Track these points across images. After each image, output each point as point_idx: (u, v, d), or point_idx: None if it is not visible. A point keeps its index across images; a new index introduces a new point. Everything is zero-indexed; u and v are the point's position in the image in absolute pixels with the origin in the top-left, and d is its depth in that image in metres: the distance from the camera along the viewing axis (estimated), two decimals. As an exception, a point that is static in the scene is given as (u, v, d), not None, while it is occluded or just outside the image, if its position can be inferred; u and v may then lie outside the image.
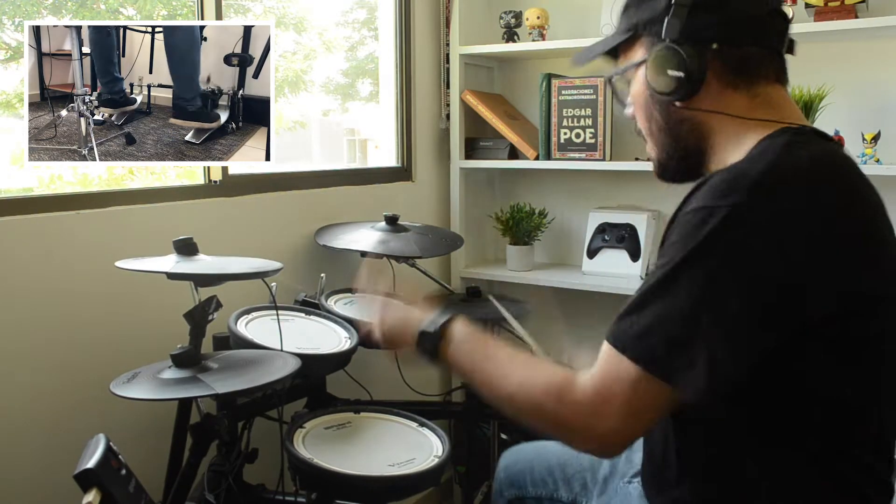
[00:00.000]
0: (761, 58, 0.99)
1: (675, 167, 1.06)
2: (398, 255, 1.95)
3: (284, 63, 2.55)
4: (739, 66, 0.98)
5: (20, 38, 1.65)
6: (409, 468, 1.39)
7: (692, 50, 0.96)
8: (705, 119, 1.00)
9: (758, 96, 0.99)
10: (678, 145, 1.04)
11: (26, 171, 1.66)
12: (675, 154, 1.05)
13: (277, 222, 1.94)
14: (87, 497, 0.98)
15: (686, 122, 1.02)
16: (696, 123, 1.01)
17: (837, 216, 0.87)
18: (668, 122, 1.03)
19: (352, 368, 1.72)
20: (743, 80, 0.98)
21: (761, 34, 0.99)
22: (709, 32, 0.97)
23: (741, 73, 0.98)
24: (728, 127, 0.99)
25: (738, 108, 0.98)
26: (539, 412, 0.94)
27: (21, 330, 1.41)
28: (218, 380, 1.24)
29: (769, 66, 1.00)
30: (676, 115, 1.02)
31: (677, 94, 0.99)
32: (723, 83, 0.98)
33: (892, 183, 2.05)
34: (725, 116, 0.99)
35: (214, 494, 1.41)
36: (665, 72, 0.98)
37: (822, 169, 0.90)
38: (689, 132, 1.02)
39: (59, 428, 1.46)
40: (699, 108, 0.99)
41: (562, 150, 2.36)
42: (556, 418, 0.92)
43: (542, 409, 0.93)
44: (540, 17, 2.38)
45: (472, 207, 2.63)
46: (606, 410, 0.87)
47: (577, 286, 2.35)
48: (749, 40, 0.98)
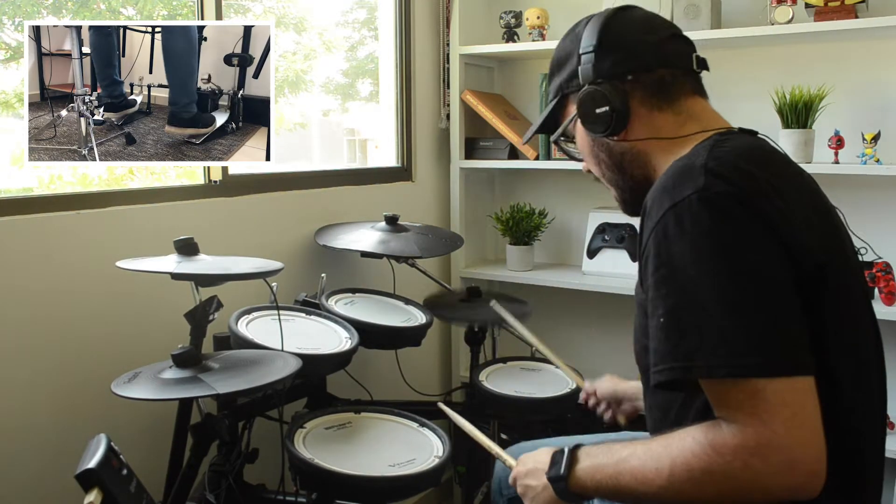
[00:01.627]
0: (674, 77, 1.07)
1: (632, 198, 1.13)
2: (398, 255, 1.95)
3: (284, 63, 2.55)
4: (657, 88, 1.06)
5: (20, 38, 1.65)
6: (410, 468, 1.39)
7: (609, 86, 1.05)
8: (642, 147, 1.08)
9: (682, 112, 1.06)
10: (626, 177, 1.12)
11: (26, 171, 1.66)
12: (627, 186, 1.13)
13: (277, 222, 1.94)
14: (88, 497, 0.98)
15: (627, 154, 1.09)
16: (637, 153, 1.09)
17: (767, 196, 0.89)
18: (613, 158, 1.11)
19: (352, 368, 1.72)
20: (665, 100, 1.06)
21: (665, 56, 1.07)
22: (619, 68, 1.06)
23: (661, 94, 1.06)
24: (665, 147, 1.06)
25: (668, 127, 1.06)
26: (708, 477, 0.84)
27: (21, 330, 1.41)
28: (219, 380, 1.24)
29: (684, 83, 1.08)
30: (618, 148, 1.10)
31: (611, 129, 1.06)
32: (647, 107, 1.06)
33: (892, 183, 2.07)
34: (658, 140, 1.06)
35: (215, 494, 1.41)
36: (594, 112, 1.06)
37: (743, 157, 0.93)
38: (631, 162, 1.10)
39: (60, 428, 1.46)
40: (636, 139, 1.07)
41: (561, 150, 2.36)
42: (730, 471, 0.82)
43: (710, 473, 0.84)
44: (540, 17, 2.38)
45: (472, 207, 2.63)
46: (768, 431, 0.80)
47: (577, 286, 2.35)
48: (656, 64, 1.06)
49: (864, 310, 1.00)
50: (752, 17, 2.15)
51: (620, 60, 1.06)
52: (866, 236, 1.99)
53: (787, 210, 0.89)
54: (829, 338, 0.90)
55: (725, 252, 0.85)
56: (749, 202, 0.87)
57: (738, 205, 0.86)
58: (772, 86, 2.06)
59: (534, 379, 1.91)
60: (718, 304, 0.84)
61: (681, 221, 0.87)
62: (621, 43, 1.07)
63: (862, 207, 2.09)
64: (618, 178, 1.13)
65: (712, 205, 0.86)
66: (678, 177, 0.92)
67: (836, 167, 1.97)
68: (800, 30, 1.95)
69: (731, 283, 0.84)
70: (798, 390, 0.82)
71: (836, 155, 1.98)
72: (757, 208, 0.87)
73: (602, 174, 1.16)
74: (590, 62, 1.07)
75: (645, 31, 1.08)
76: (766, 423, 0.80)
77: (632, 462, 0.91)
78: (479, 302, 2.04)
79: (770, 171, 0.93)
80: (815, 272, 0.89)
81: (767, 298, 0.84)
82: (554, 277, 2.41)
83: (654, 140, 1.06)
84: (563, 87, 1.14)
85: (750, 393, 0.81)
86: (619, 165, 1.11)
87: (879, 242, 2.02)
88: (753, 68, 2.21)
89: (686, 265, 0.86)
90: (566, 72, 1.13)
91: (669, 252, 0.88)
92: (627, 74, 1.06)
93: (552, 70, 1.17)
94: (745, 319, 0.83)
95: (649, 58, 1.06)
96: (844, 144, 1.97)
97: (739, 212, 0.86)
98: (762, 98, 2.09)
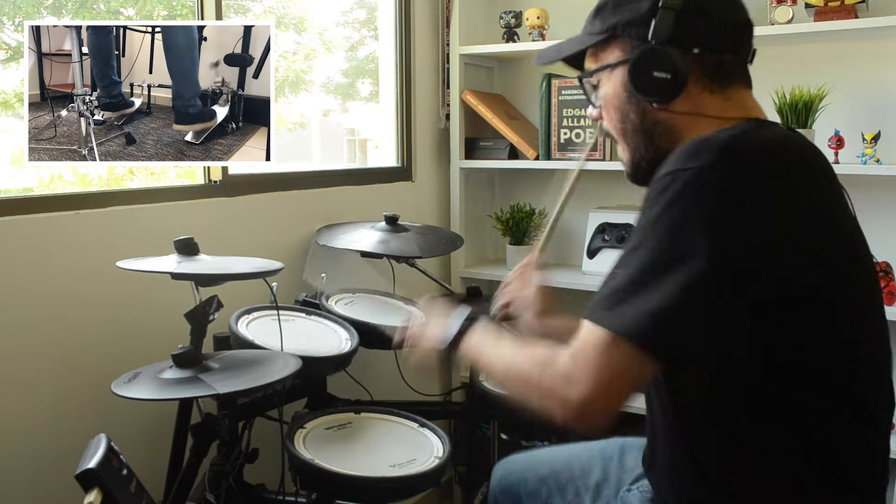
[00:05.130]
0: (735, 64, 1.03)
1: (646, 168, 1.06)
2: (398, 255, 1.95)
3: (284, 63, 2.55)
4: (716, 71, 1.01)
5: (20, 38, 1.65)
6: (410, 469, 1.39)
7: (678, 52, 0.98)
8: (680, 121, 1.02)
9: (731, 99, 1.02)
10: (651, 147, 1.05)
11: (26, 171, 1.66)
12: (647, 155, 1.06)
13: (277, 222, 1.94)
14: (88, 497, 0.98)
15: (661, 124, 1.03)
16: (671, 126, 1.03)
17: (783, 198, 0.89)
18: (644, 123, 1.04)
19: (352, 369, 1.72)
20: (718, 84, 1.01)
21: (739, 42, 1.03)
22: (694, 37, 0.99)
23: (717, 77, 1.01)
24: (700, 127, 1.00)
25: (713, 110, 1.01)
26: (526, 383, 0.97)
27: (21, 330, 1.41)
28: (219, 380, 1.24)
29: (741, 72, 1.04)
30: (653, 116, 1.03)
31: (660, 96, 1.00)
32: (700, 86, 1.01)
33: (892, 183, 2.06)
34: (700, 117, 1.01)
35: (215, 494, 1.41)
36: (650, 73, 0.99)
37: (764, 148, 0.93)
38: (662, 133, 1.04)
39: (61, 428, 1.46)
40: (676, 111, 1.01)
41: (562, 150, 2.36)
42: (539, 387, 0.94)
43: (528, 380, 0.96)
44: (540, 17, 2.38)
45: (472, 207, 2.63)
46: (577, 376, 0.88)
47: (577, 286, 2.35)
48: (729, 47, 1.02)
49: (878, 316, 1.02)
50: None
51: (699, 30, 0.99)
52: (866, 236, 1.99)
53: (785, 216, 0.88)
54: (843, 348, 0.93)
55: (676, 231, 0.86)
56: (743, 194, 0.86)
57: (727, 193, 0.86)
58: (772, 86, 2.06)
59: (534, 379, 1.91)
60: (636, 271, 0.88)
61: (666, 188, 0.88)
62: (708, 13, 1.00)
63: (861, 207, 2.06)
64: (640, 143, 1.06)
65: (703, 185, 0.86)
66: (695, 146, 0.90)
67: (836, 167, 1.94)
68: (800, 30, 1.95)
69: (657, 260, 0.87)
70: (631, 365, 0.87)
71: (836, 155, 1.98)
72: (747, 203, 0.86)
73: (623, 132, 1.08)
74: (670, 20, 0.98)
75: (731, 9, 1.03)
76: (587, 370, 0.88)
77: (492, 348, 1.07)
78: (478, 302, 2.05)
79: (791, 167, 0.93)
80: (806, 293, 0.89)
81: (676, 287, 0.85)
82: (554, 277, 2.40)
83: (693, 117, 1.01)
84: (620, 29, 1.03)
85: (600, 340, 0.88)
86: (650, 132, 1.04)
87: (879, 242, 2.01)
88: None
89: (645, 227, 0.90)
90: (631, 13, 1.02)
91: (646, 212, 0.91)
92: (696, 47, 0.99)
93: (606, 2, 1.06)
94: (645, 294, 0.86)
95: (726, 39, 1.01)
96: (844, 144, 1.96)
97: (724, 201, 0.86)
98: (762, 98, 2.04)
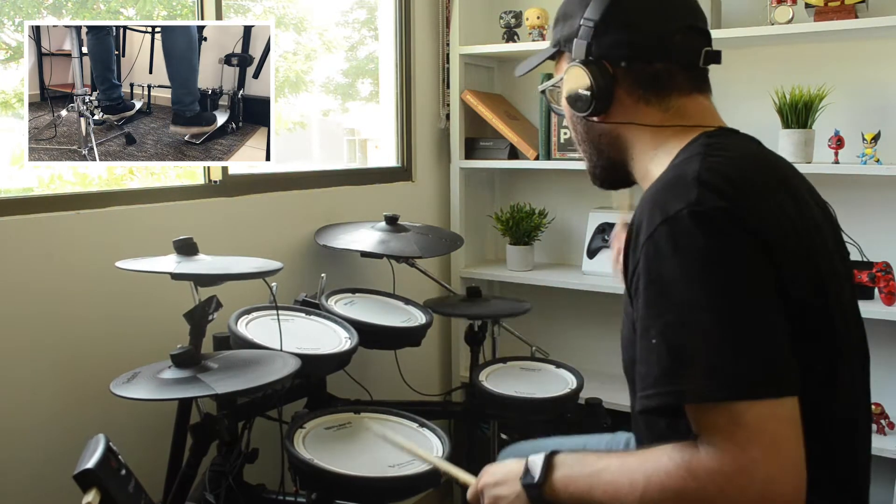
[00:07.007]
0: (671, 73, 1.01)
1: (602, 175, 1.11)
2: (398, 255, 1.95)
3: (284, 63, 2.55)
4: (649, 82, 1.01)
5: (20, 38, 1.65)
6: (409, 469, 1.39)
7: (597, 70, 1.00)
8: (622, 131, 1.04)
9: (670, 109, 1.01)
10: (601, 156, 1.09)
11: (26, 171, 1.66)
12: (599, 163, 1.10)
13: (277, 222, 1.94)
14: (86, 497, 0.98)
15: (605, 136, 1.06)
16: (614, 136, 1.05)
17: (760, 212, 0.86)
18: (590, 134, 1.08)
19: (352, 369, 1.72)
20: (654, 95, 1.01)
21: (669, 50, 1.00)
22: (617, 52, 1.00)
23: (652, 88, 1.01)
24: (644, 137, 1.02)
25: (651, 119, 1.01)
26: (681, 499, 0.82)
27: (21, 330, 1.41)
28: (218, 380, 1.24)
29: (682, 79, 1.01)
30: (595, 128, 1.07)
31: (588, 111, 1.03)
32: (634, 98, 1.01)
33: (892, 183, 2.06)
34: (641, 127, 1.02)
35: (214, 494, 1.41)
36: (576, 90, 1.03)
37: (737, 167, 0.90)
38: (608, 144, 1.07)
39: (59, 428, 1.46)
40: (616, 121, 1.03)
41: (562, 150, 2.36)
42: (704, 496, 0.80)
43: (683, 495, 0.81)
44: (540, 17, 2.38)
45: (472, 207, 2.63)
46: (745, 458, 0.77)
47: (576, 286, 2.35)
48: (657, 57, 1.00)
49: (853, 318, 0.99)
50: (752, 17, 2.15)
51: (619, 44, 1.00)
52: (866, 236, 1.99)
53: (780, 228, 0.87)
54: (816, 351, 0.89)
55: (716, 271, 0.82)
56: (742, 219, 0.84)
57: (730, 221, 0.83)
58: (772, 86, 2.06)
59: (534, 379, 1.91)
60: (708, 326, 0.80)
61: (672, 237, 0.83)
62: (628, 24, 1.00)
63: (862, 207, 2.09)
64: (591, 152, 1.10)
65: (704, 221, 0.83)
66: (670, 189, 0.88)
67: (835, 167, 1.97)
68: (800, 30, 1.95)
69: (720, 304, 0.81)
70: (780, 416, 0.79)
71: (836, 155, 1.98)
72: (751, 225, 0.84)
73: (576, 141, 1.13)
74: (588, 35, 1.00)
75: (658, 18, 1.00)
76: (745, 449, 0.77)
77: (605, 476, 0.89)
78: (478, 301, 2.05)
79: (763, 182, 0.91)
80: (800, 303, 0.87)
81: (755, 319, 0.81)
82: (554, 277, 2.41)
83: (633, 126, 1.02)
84: (562, 44, 1.08)
85: (730, 416, 0.78)
86: (595, 143, 1.08)
87: (879, 242, 2.02)
88: (753, 68, 2.21)
89: (677, 284, 0.82)
90: (568, 28, 1.05)
91: (660, 270, 0.84)
92: (622, 61, 1.00)
93: (558, 17, 1.10)
94: (732, 342, 0.80)
95: (651, 49, 0.99)
96: (844, 144, 1.96)
97: (732, 228, 0.83)
98: (762, 98, 2.09)
